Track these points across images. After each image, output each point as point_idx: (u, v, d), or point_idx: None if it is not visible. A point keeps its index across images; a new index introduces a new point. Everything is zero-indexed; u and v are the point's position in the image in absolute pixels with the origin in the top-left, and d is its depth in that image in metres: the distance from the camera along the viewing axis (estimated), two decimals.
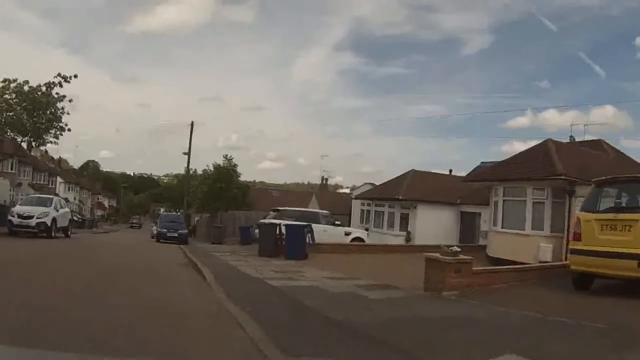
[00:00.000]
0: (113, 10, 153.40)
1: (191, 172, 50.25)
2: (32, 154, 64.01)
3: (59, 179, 74.50)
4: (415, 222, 30.41)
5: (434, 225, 29.72)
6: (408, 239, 30.16)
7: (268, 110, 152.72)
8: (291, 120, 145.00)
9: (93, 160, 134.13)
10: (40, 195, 26.36)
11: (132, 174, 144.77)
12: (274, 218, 24.20)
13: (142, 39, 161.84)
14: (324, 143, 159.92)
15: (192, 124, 44.39)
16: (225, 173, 41.56)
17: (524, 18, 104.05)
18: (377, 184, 38.22)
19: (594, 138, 28.56)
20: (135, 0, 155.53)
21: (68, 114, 25.70)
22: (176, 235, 31.78)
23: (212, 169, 43.42)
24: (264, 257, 18.36)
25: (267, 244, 19.18)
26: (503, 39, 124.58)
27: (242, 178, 43.07)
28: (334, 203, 42.29)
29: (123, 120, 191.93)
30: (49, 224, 22.63)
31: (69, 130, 26.28)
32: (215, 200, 40.27)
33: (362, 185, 39.21)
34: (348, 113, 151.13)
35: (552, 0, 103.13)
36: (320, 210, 26.45)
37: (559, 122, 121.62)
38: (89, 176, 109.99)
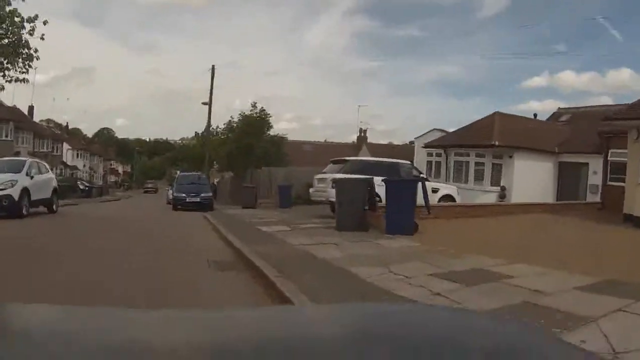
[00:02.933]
0: None
1: (212, 128, 43.23)
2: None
3: (65, 146, 67.63)
4: (513, 175, 23.15)
5: (530, 179, 23.31)
6: (502, 196, 23.08)
7: (283, 75, 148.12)
8: (306, 83, 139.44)
9: (107, 128, 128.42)
10: (9, 159, 19.11)
11: (147, 140, 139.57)
12: (337, 172, 16.95)
13: (156, 8, 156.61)
14: (339, 103, 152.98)
15: (212, 68, 36.99)
16: (255, 124, 34.13)
17: None
18: (440, 131, 30.72)
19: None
20: None
21: (42, 39, 18.30)
22: (198, 200, 24.70)
23: (236, 120, 36.07)
24: (349, 232, 11.21)
25: (351, 211, 11.97)
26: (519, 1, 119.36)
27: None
28: (390, 154, 34.99)
29: (138, 88, 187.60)
30: (16, 198, 15.49)
31: (38, 58, 18.94)
32: (243, 157, 32.92)
33: (428, 132, 31.62)
34: (363, 74, 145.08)
35: None
36: (400, 160, 19.19)
37: (574, 82, 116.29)
38: (102, 143, 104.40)
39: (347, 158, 18.35)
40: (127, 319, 1.08)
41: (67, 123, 78.93)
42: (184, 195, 24.86)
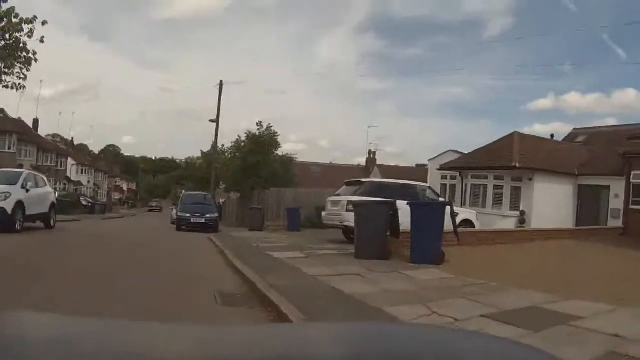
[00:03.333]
0: None
1: (219, 148, 42.43)
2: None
3: (70, 161, 66.79)
4: (532, 198, 22.18)
5: (550, 203, 22.54)
6: (522, 221, 22.09)
7: (291, 93, 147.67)
8: (313, 102, 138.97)
9: (113, 145, 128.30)
10: (5, 170, 18.10)
11: (153, 158, 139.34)
12: (352, 194, 16.00)
13: (164, 25, 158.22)
14: (346, 125, 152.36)
15: (220, 84, 36.01)
16: (263, 143, 33.19)
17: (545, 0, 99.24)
18: (455, 153, 29.71)
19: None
20: None
21: (42, 41, 17.32)
22: (203, 220, 23.65)
23: (244, 139, 35.11)
24: (369, 261, 10.21)
25: (372, 237, 10.99)
26: (524, 21, 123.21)
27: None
28: (402, 177, 33.95)
29: (145, 105, 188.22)
30: (10, 211, 14.54)
31: (36, 60, 17.95)
32: (250, 177, 31.94)
33: (442, 154, 30.61)
34: (371, 95, 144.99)
35: None
36: (418, 183, 18.24)
37: (580, 104, 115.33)
38: (108, 159, 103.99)
39: (363, 180, 17.37)
40: (123, 330, 1.07)
41: (72, 138, 78.08)
42: (188, 215, 23.86)
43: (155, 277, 8.10)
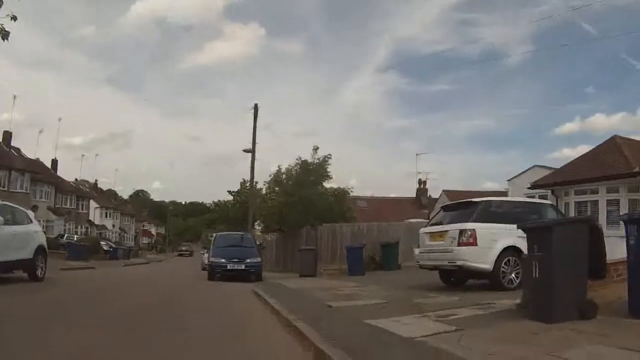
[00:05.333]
0: (162, 49, 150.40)
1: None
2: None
3: (93, 204, 62.77)
4: None
5: None
6: None
7: (318, 136, 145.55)
8: (341, 143, 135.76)
9: (142, 190, 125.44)
10: None
11: (182, 202, 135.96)
12: (461, 220, 10.92)
13: (192, 74, 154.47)
14: (374, 163, 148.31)
15: (255, 107, 31.30)
16: (314, 173, 28.09)
17: (563, 25, 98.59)
18: (543, 168, 24.38)
19: None
20: (184, 39, 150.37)
21: (14, 20, 12.62)
22: (242, 267, 18.53)
23: (284, 171, 30.01)
24: (564, 324, 5.05)
25: (563, 281, 5.93)
26: (544, 48, 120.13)
27: None
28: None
29: (174, 153, 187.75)
30: None
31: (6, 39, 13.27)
32: (299, 212, 26.71)
33: (526, 170, 25.32)
34: (397, 132, 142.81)
35: (589, 4, 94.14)
36: (542, 200, 13.29)
37: (605, 124, 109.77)
38: (137, 204, 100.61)
39: (476, 200, 12.17)
40: None
41: (96, 181, 74.40)
42: (223, 261, 18.65)
43: None
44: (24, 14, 10.53)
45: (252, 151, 30.54)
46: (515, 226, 10.72)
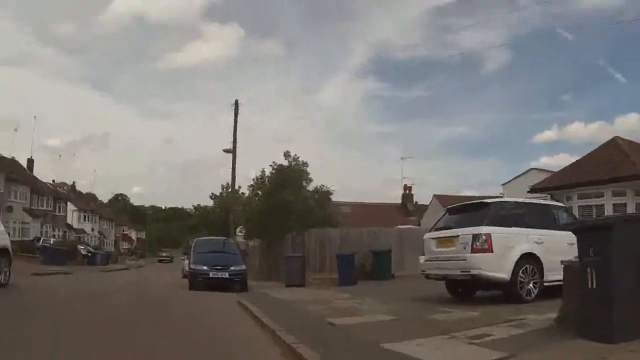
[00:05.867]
0: (139, 49, 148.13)
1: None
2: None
3: (70, 206, 60.86)
4: None
5: None
6: None
7: (297, 141, 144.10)
8: (320, 148, 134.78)
9: (122, 194, 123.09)
10: None
11: (163, 207, 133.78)
12: (481, 223, 9.72)
13: (170, 75, 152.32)
14: (353, 168, 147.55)
15: (236, 103, 29.85)
16: (293, 175, 26.90)
17: (541, 31, 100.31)
18: (541, 171, 23.43)
19: None
20: (161, 39, 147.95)
21: None
22: (226, 275, 17.22)
23: (268, 174, 28.79)
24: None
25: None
26: (521, 54, 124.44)
27: None
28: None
29: (154, 156, 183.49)
30: None
31: None
32: (279, 217, 25.48)
33: (523, 174, 24.31)
34: (375, 138, 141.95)
35: (566, 10, 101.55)
36: (553, 202, 12.31)
37: (583, 133, 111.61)
38: (116, 208, 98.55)
39: (488, 200, 11.10)
40: None
41: (74, 182, 72.44)
42: (205, 268, 17.27)
43: None
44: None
45: (233, 151, 29.06)
46: (531, 230, 9.75)
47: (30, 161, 52.75)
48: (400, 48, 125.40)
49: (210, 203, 50.00)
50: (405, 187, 45.07)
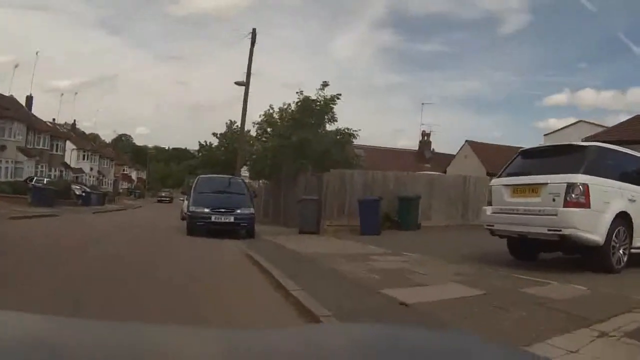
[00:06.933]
0: None
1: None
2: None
3: (69, 145, 58.12)
4: None
5: None
6: None
7: (308, 87, 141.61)
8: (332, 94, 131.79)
9: (126, 135, 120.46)
10: None
11: (166, 148, 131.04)
12: (572, 170, 7.15)
13: (185, 20, 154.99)
14: (364, 118, 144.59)
15: (253, 32, 26.13)
16: (316, 113, 23.84)
17: None
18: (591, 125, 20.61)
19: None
20: None
21: None
22: (231, 219, 14.74)
23: (282, 108, 25.67)
24: None
25: None
26: (541, 19, 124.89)
27: None
28: (503, 157, 24.69)
29: (161, 97, 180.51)
30: None
31: None
32: (294, 158, 22.66)
33: (569, 126, 21.52)
34: (387, 89, 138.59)
35: None
36: None
37: (595, 100, 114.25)
38: (119, 148, 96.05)
39: (581, 143, 8.54)
40: (131, 333, 1.04)
41: (75, 121, 69.51)
42: (207, 211, 14.74)
43: None
44: None
45: (247, 82, 25.60)
46: (625, 185, 7.42)
47: (29, 98, 49.52)
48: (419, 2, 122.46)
49: (216, 142, 46.99)
50: (423, 134, 42.19)
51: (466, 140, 34.22)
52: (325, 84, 24.01)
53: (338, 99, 24.18)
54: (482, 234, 8.94)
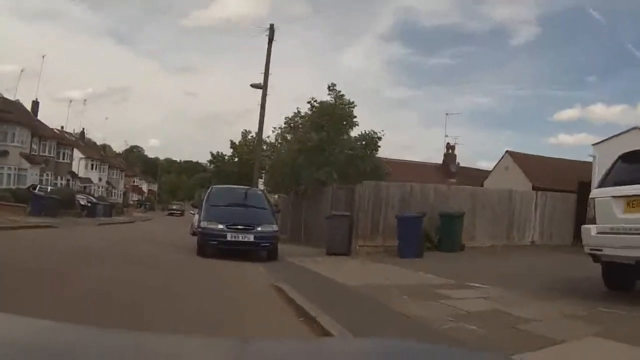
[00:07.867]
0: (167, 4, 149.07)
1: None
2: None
3: (77, 154, 56.27)
4: None
5: None
6: None
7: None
8: None
9: (137, 146, 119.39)
10: None
11: (178, 160, 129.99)
12: None
13: (196, 31, 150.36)
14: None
15: (271, 28, 23.85)
16: (335, 116, 21.61)
17: (571, 9, 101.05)
18: None
19: None
20: None
21: None
22: (252, 239, 12.34)
23: (297, 114, 23.63)
24: None
25: None
26: (550, 31, 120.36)
27: None
28: (548, 169, 22.38)
29: (172, 109, 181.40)
30: None
31: None
32: (318, 167, 20.36)
33: (621, 134, 18.97)
34: (395, 103, 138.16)
35: None
36: None
37: (605, 115, 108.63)
38: (130, 159, 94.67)
39: None
40: (137, 342, 1.00)
41: (84, 129, 67.76)
42: (221, 227, 12.29)
43: None
44: None
45: (264, 84, 23.28)
46: None
47: (35, 104, 47.71)
48: (427, 15, 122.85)
49: (230, 153, 44.68)
50: (448, 147, 39.76)
51: (507, 151, 31.66)
52: (333, 86, 22.23)
53: (353, 106, 22.40)
54: (534, 255, 6.99)
